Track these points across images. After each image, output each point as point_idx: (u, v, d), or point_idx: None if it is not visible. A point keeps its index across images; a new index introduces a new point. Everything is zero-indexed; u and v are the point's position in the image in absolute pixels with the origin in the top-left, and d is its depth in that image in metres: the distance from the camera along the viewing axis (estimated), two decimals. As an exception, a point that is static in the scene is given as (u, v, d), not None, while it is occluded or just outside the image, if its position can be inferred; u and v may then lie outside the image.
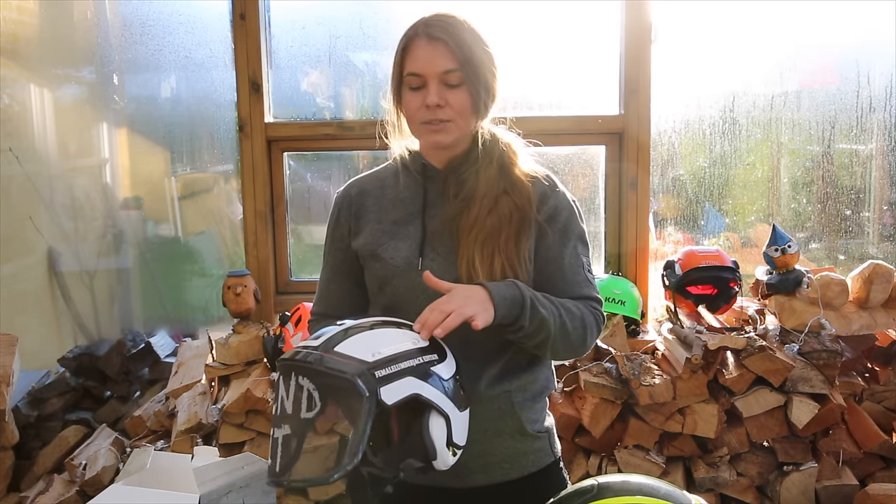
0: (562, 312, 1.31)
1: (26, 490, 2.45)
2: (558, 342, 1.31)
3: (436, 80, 1.31)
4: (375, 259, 1.40)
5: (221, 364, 2.53)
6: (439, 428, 1.17)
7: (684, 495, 0.99)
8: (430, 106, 1.31)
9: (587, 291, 1.39)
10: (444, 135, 1.34)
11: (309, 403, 1.12)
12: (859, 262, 2.66)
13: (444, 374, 1.19)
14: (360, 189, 1.48)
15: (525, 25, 2.76)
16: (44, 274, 2.92)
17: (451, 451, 1.19)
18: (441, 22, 1.32)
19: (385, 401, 1.10)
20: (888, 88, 2.87)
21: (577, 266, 1.39)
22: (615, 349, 2.49)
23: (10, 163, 2.79)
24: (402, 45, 1.34)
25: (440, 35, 1.30)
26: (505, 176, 1.37)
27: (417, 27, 1.33)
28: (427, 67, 1.30)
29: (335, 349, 1.14)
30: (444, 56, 1.30)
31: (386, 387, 1.11)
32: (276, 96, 2.84)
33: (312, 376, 1.13)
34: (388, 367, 1.13)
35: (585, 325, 1.35)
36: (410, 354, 1.17)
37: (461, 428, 1.21)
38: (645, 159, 2.74)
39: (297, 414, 1.13)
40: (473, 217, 1.34)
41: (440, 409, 1.16)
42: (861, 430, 2.43)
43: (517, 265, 1.33)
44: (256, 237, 2.83)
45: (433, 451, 1.17)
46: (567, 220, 1.40)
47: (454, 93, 1.31)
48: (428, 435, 1.16)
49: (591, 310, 1.37)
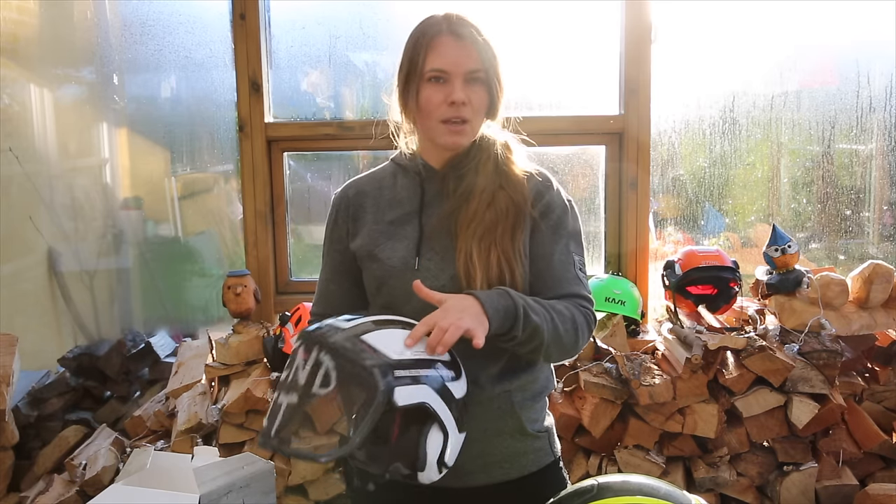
0: (553, 317, 1.30)
1: (26, 490, 2.45)
2: (551, 347, 1.31)
3: (461, 78, 1.32)
4: (373, 260, 1.41)
5: (221, 364, 2.54)
6: (436, 443, 1.18)
7: (684, 495, 0.99)
8: (456, 102, 1.31)
9: (576, 289, 1.38)
10: (462, 137, 1.36)
11: (324, 380, 1.13)
12: (859, 262, 2.66)
13: (456, 393, 1.20)
14: (357, 190, 1.48)
15: (525, 25, 2.76)
16: (44, 274, 2.92)
17: (439, 468, 1.19)
18: (465, 22, 1.34)
19: (396, 401, 1.11)
20: (888, 88, 2.87)
21: (568, 263, 1.39)
22: (615, 349, 2.49)
23: (10, 163, 2.79)
24: (425, 41, 1.33)
25: (467, 34, 1.32)
26: (501, 172, 1.38)
27: (441, 25, 1.34)
28: (454, 66, 1.31)
29: (363, 337, 1.16)
30: (471, 55, 1.32)
31: (401, 388, 1.12)
32: (276, 96, 2.84)
33: (335, 355, 1.14)
34: (409, 370, 1.14)
35: (577, 327, 1.34)
36: (432, 364, 1.18)
37: (454, 449, 1.21)
38: (645, 159, 2.74)
39: (310, 387, 1.14)
40: (472, 211, 1.34)
41: (443, 424, 1.17)
42: (861, 430, 2.43)
43: (513, 259, 1.34)
44: (256, 237, 2.83)
45: (423, 463, 1.17)
46: (560, 218, 1.40)
47: (475, 92, 1.33)
48: (423, 446, 1.17)
49: (582, 309, 1.36)
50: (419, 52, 1.34)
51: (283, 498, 2.39)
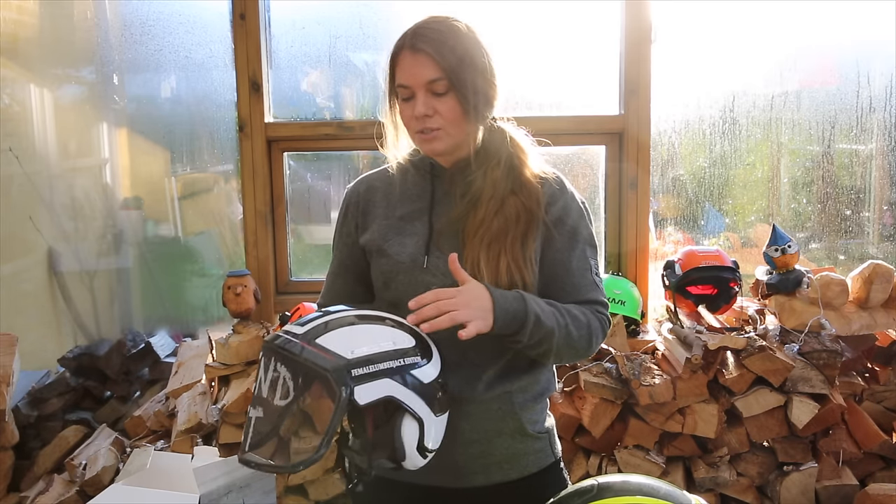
0: (568, 322, 1.31)
1: (26, 490, 2.44)
2: (562, 351, 1.32)
3: (422, 89, 1.31)
4: (382, 254, 1.41)
5: (221, 364, 2.53)
6: (411, 432, 1.17)
7: (684, 495, 0.99)
8: (418, 116, 1.31)
9: (594, 295, 1.39)
10: (436, 143, 1.35)
11: (283, 391, 1.13)
12: (859, 262, 2.66)
13: (425, 378, 1.19)
14: (368, 185, 1.48)
15: (525, 25, 2.76)
16: (44, 274, 2.92)
17: (422, 454, 1.19)
18: (427, 30, 1.31)
19: (358, 400, 1.10)
20: (888, 88, 2.87)
21: (585, 269, 1.39)
22: (615, 349, 2.49)
23: (10, 163, 2.79)
24: (392, 57, 1.35)
25: (423, 46, 1.30)
26: (513, 177, 1.37)
27: (405, 38, 1.33)
28: (412, 79, 1.31)
29: (316, 341, 1.14)
30: (427, 66, 1.29)
31: (361, 386, 1.11)
32: (276, 96, 2.84)
33: (290, 365, 1.13)
34: (366, 367, 1.13)
35: (591, 332, 1.35)
36: (390, 356, 1.16)
37: (435, 433, 1.21)
38: (645, 159, 2.74)
39: (271, 399, 1.14)
40: (479, 219, 1.34)
41: (414, 413, 1.16)
42: (861, 430, 2.43)
43: (523, 266, 1.33)
44: (256, 237, 2.83)
45: (402, 453, 1.17)
46: (576, 223, 1.40)
47: (442, 101, 1.31)
48: (399, 437, 1.16)
49: (597, 315, 1.38)
50: (391, 68, 1.36)
51: (283, 498, 2.39)
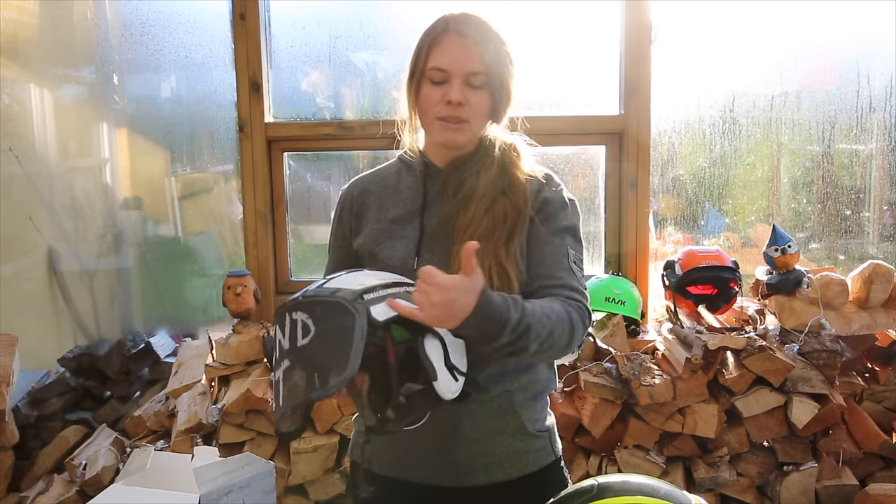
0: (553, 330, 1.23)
1: (26, 490, 2.44)
2: (540, 355, 1.25)
3: (460, 78, 1.31)
4: (373, 259, 1.41)
5: (221, 364, 2.54)
6: (436, 348, 1.17)
7: (684, 495, 0.99)
8: (452, 102, 1.30)
9: (568, 279, 1.33)
10: (459, 134, 1.34)
11: (304, 331, 1.14)
12: (859, 262, 2.66)
13: None
14: (362, 188, 1.48)
15: (525, 25, 2.76)
16: (44, 274, 2.92)
17: (453, 375, 1.18)
18: (472, 21, 1.32)
19: (376, 317, 1.11)
20: (888, 88, 2.87)
21: (561, 255, 1.35)
22: (615, 349, 2.49)
23: (10, 163, 2.79)
24: (430, 39, 1.34)
25: (472, 34, 1.30)
26: (505, 177, 1.36)
27: (448, 23, 1.33)
28: (454, 64, 1.30)
29: (325, 284, 1.19)
30: (472, 56, 1.30)
31: (375, 306, 1.13)
32: (276, 96, 2.84)
33: (305, 308, 1.16)
34: (376, 292, 1.16)
35: (573, 328, 1.28)
36: (396, 284, 1.22)
37: (457, 351, 1.20)
38: (645, 159, 2.74)
39: (294, 344, 1.15)
40: (470, 217, 1.33)
41: (434, 329, 1.17)
42: (861, 430, 2.43)
43: (508, 265, 1.31)
44: (256, 237, 2.83)
45: (433, 371, 1.15)
46: (556, 211, 1.38)
47: (476, 94, 1.32)
48: (425, 356, 1.15)
49: (574, 304, 1.30)
50: (423, 47, 1.34)
51: (283, 498, 2.39)
